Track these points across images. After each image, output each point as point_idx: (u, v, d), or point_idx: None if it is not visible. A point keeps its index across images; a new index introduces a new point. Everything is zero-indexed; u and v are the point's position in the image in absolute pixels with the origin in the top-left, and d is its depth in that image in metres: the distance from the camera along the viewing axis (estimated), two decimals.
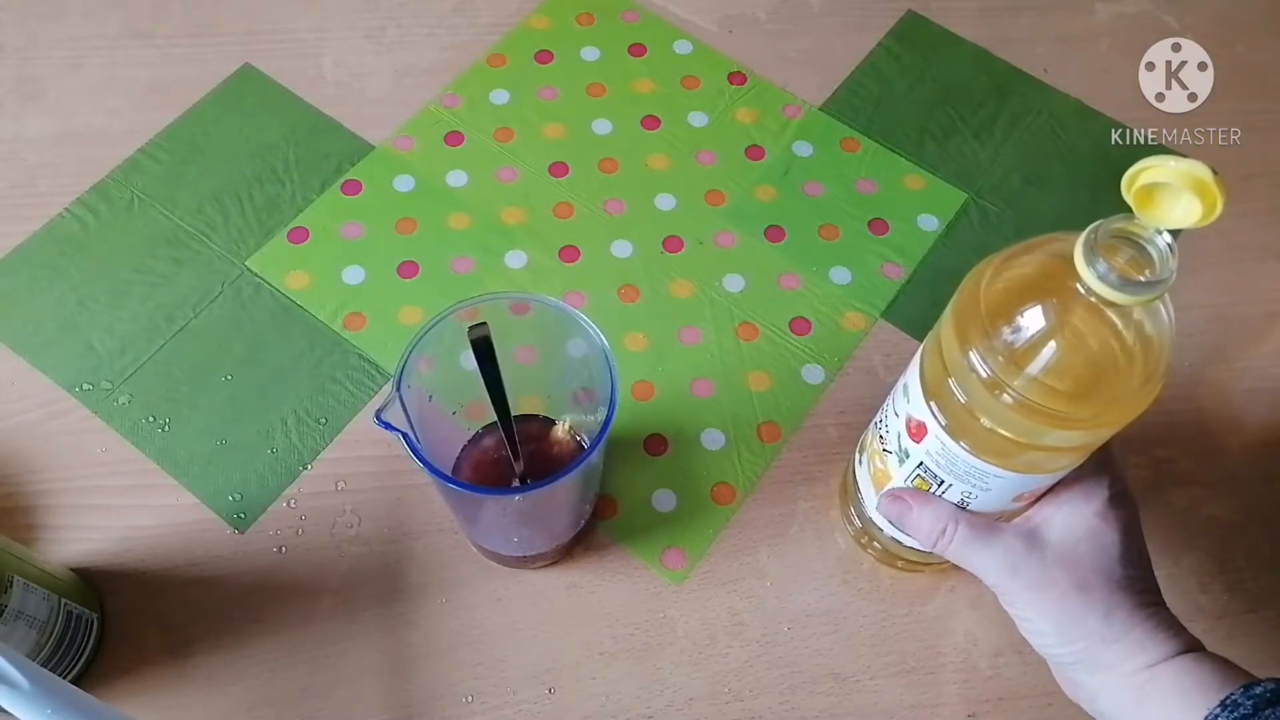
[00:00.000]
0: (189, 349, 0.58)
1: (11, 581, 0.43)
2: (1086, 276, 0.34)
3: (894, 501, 0.45)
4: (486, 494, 0.47)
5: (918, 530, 0.44)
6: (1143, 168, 0.33)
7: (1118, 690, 0.41)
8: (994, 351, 0.37)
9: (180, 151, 0.64)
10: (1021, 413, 0.37)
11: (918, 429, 0.42)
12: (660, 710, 0.49)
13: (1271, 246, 0.64)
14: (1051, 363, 0.36)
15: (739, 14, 0.72)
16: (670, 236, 0.62)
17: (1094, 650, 0.41)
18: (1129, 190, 0.34)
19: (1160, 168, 0.32)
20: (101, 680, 0.49)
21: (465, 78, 0.68)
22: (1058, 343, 0.36)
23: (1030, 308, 0.36)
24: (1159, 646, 0.40)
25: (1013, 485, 0.41)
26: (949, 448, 0.41)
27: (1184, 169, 0.32)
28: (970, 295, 0.38)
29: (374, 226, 0.62)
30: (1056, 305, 0.36)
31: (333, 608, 0.51)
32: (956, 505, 0.44)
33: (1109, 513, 0.42)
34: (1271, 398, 0.59)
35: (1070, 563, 0.41)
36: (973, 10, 0.72)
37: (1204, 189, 0.32)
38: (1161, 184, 0.33)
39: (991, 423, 0.38)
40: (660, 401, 0.57)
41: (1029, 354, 0.36)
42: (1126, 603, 0.41)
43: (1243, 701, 0.37)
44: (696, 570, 0.53)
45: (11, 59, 0.68)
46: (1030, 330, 0.36)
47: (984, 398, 0.38)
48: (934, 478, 0.43)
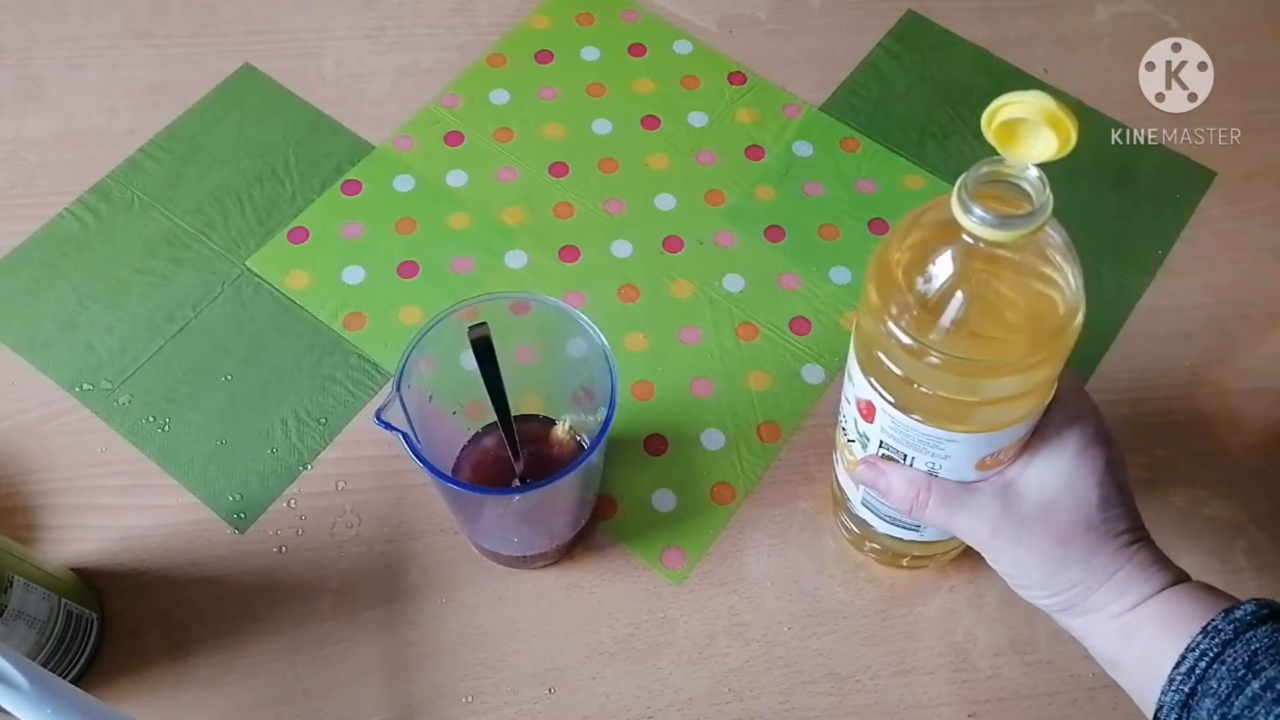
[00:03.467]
0: (189, 349, 0.58)
1: (11, 581, 0.43)
2: (966, 223, 0.35)
3: (869, 468, 0.45)
4: (486, 494, 0.47)
5: (893, 495, 0.44)
6: (998, 105, 0.33)
7: (1104, 631, 0.41)
8: (909, 316, 0.37)
9: (180, 151, 0.64)
10: (952, 370, 0.37)
11: (867, 409, 0.43)
12: (660, 710, 0.49)
13: (1271, 246, 0.64)
14: (963, 314, 0.37)
15: (739, 14, 0.72)
16: (670, 236, 0.62)
17: (1078, 597, 0.41)
18: (989, 129, 0.34)
19: (1013, 104, 0.33)
20: (101, 680, 0.49)
21: (465, 78, 0.68)
22: (964, 293, 0.37)
23: (931, 266, 0.37)
24: (1142, 585, 0.40)
25: (974, 447, 0.41)
26: (899, 421, 0.41)
27: (1035, 102, 0.33)
28: (880, 266, 0.39)
29: (374, 226, 0.62)
30: (955, 258, 0.36)
31: (333, 608, 0.51)
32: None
33: (1083, 458, 0.41)
34: (1271, 397, 0.58)
35: (1047, 515, 0.41)
36: (973, 10, 0.72)
37: (1056, 120, 0.33)
38: (1020, 120, 0.34)
39: (930, 388, 0.39)
40: (660, 401, 0.57)
41: (940, 310, 0.37)
42: (1107, 547, 0.41)
43: (1223, 626, 0.38)
44: (696, 570, 0.53)
45: (11, 59, 0.68)
46: (936, 287, 0.37)
47: (913, 364, 0.38)
48: (896, 453, 0.43)
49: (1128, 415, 0.57)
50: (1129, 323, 0.61)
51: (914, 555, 0.51)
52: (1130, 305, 0.61)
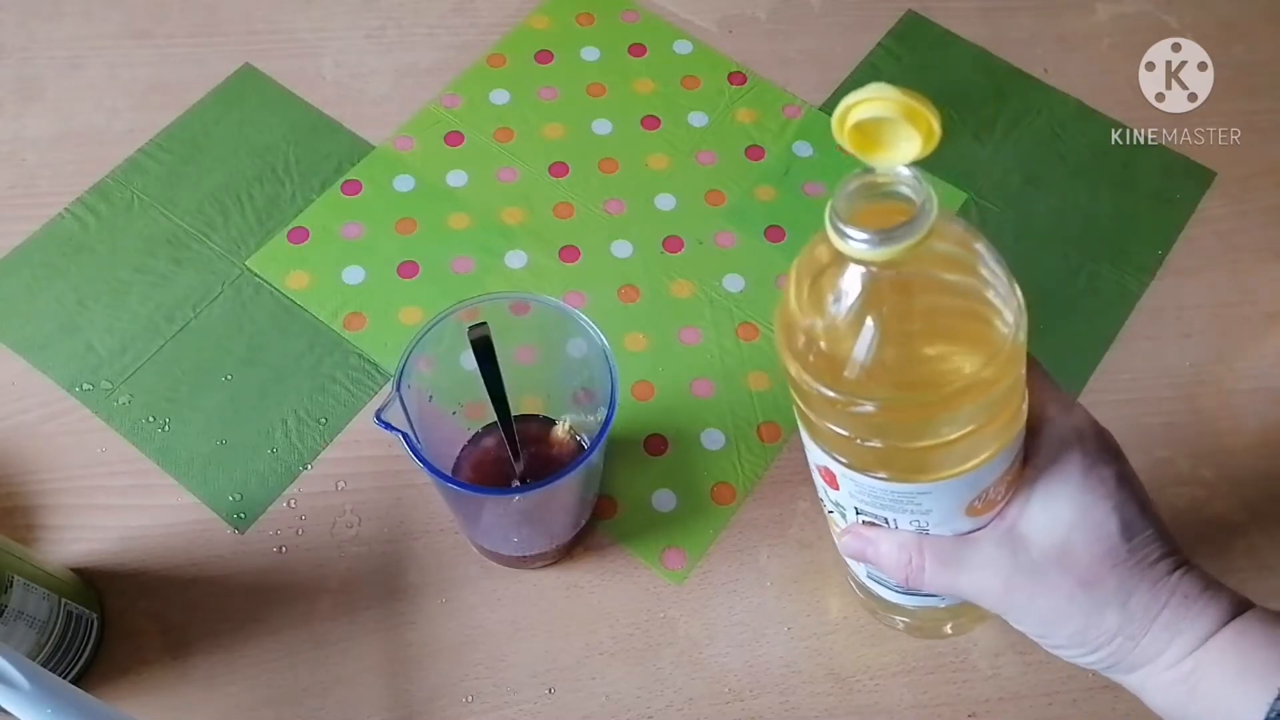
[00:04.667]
0: (189, 349, 0.58)
1: (11, 581, 0.43)
2: (846, 249, 0.30)
3: (855, 538, 0.40)
4: (486, 494, 0.47)
5: (884, 565, 0.39)
6: (847, 106, 0.29)
7: (1161, 685, 0.35)
8: (824, 366, 0.33)
9: (180, 151, 0.64)
10: (890, 414, 0.33)
11: (828, 475, 0.38)
12: (660, 710, 0.49)
13: (1271, 246, 0.64)
14: (879, 350, 0.31)
15: (739, 14, 0.72)
16: (670, 236, 0.62)
17: (1123, 650, 0.35)
18: (842, 134, 0.30)
19: (864, 101, 0.29)
20: (101, 680, 0.49)
21: (465, 78, 0.68)
22: (874, 326, 0.31)
23: (832, 306, 0.32)
24: (1196, 623, 0.34)
25: (954, 495, 0.36)
26: (862, 483, 0.36)
27: (884, 97, 0.28)
28: (784, 322, 0.34)
29: (374, 226, 0.62)
30: (852, 290, 0.31)
31: (333, 608, 0.51)
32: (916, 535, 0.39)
33: (1089, 480, 0.35)
34: (1271, 397, 0.58)
35: (1064, 556, 0.35)
36: (973, 10, 0.72)
37: (913, 113, 0.28)
38: (874, 120, 0.29)
39: (877, 440, 0.34)
40: (660, 401, 0.57)
41: (853, 352, 0.32)
42: (1144, 582, 0.34)
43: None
44: (696, 570, 0.53)
45: (11, 59, 0.68)
46: (843, 328, 0.32)
47: (848, 419, 0.33)
48: (876, 517, 0.39)
49: (1128, 415, 0.57)
50: (1129, 323, 0.61)
51: (957, 620, 0.48)
52: (1130, 305, 0.61)
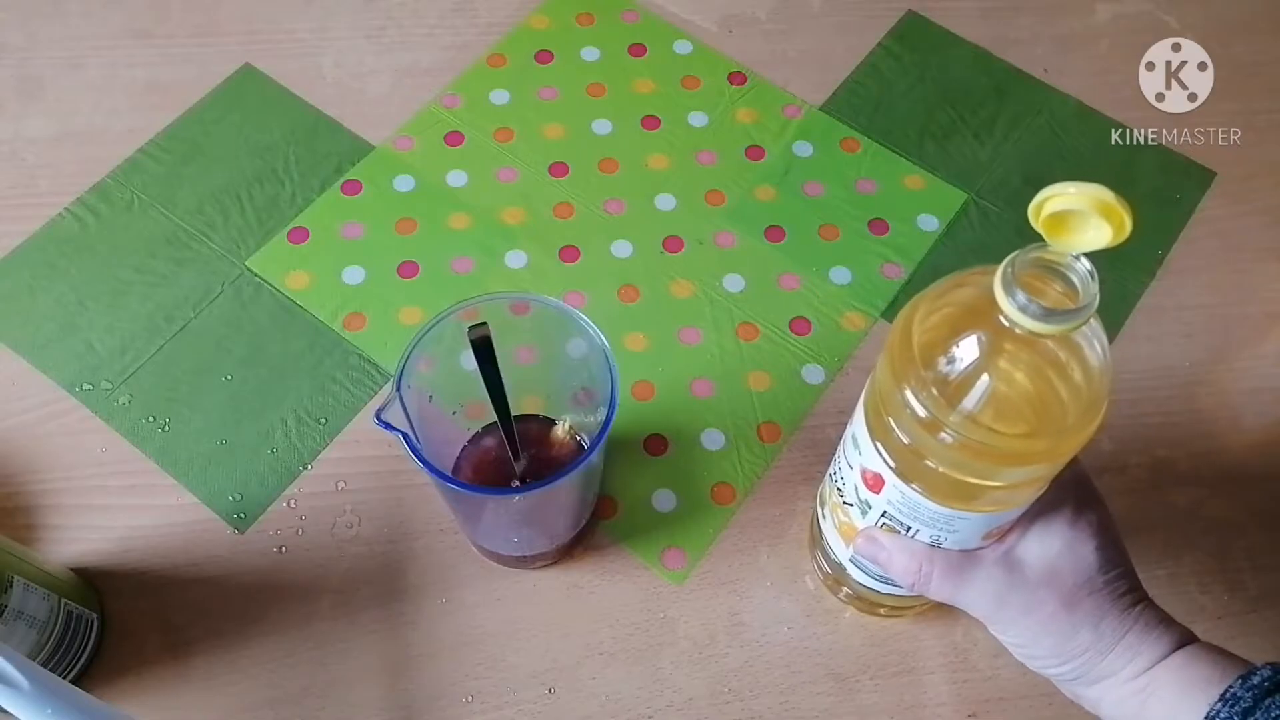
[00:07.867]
0: (189, 349, 0.58)
1: (11, 581, 0.43)
2: (1007, 309, 0.33)
3: (869, 543, 0.44)
4: (486, 494, 0.47)
5: (893, 569, 0.44)
6: (1046, 197, 0.32)
7: (1118, 697, 0.41)
8: (929, 389, 0.36)
9: (180, 151, 0.64)
10: (965, 452, 0.36)
11: (874, 480, 0.41)
12: (660, 710, 0.49)
13: (1271, 246, 0.64)
14: (987, 398, 0.35)
15: (739, 14, 0.72)
16: (670, 236, 0.62)
17: (1090, 664, 0.41)
18: (1037, 220, 0.33)
19: (1062, 195, 0.32)
20: (101, 680, 0.49)
21: (465, 78, 0.68)
22: (991, 376, 0.35)
23: (960, 343, 0.36)
24: (1153, 647, 0.40)
25: (980, 524, 0.40)
26: (909, 495, 0.40)
27: (1088, 193, 0.31)
28: (903, 333, 0.37)
29: (374, 226, 0.62)
30: (986, 339, 0.35)
31: (333, 608, 0.51)
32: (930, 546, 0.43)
33: (1079, 522, 0.41)
34: (1271, 397, 0.59)
35: (1052, 581, 0.41)
36: (973, 10, 0.72)
37: (1109, 210, 0.31)
38: (1070, 210, 0.32)
39: (938, 464, 0.37)
40: (660, 401, 0.57)
41: (963, 391, 0.36)
42: (1114, 609, 0.41)
43: (1242, 695, 0.37)
44: (696, 570, 0.53)
45: (11, 59, 0.68)
46: (961, 367, 0.36)
47: (925, 438, 0.37)
48: (900, 525, 0.42)
49: (1128, 415, 0.57)
50: (1129, 323, 0.61)
51: (890, 606, 0.51)
52: (1130, 305, 0.61)
